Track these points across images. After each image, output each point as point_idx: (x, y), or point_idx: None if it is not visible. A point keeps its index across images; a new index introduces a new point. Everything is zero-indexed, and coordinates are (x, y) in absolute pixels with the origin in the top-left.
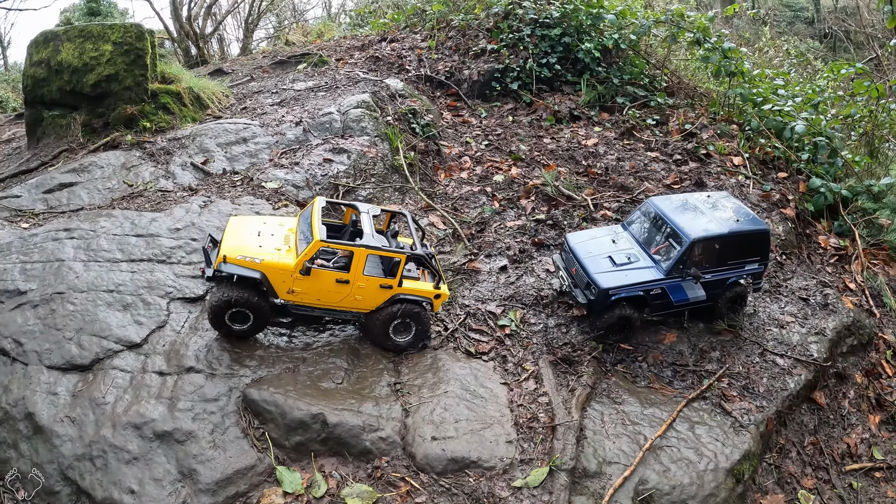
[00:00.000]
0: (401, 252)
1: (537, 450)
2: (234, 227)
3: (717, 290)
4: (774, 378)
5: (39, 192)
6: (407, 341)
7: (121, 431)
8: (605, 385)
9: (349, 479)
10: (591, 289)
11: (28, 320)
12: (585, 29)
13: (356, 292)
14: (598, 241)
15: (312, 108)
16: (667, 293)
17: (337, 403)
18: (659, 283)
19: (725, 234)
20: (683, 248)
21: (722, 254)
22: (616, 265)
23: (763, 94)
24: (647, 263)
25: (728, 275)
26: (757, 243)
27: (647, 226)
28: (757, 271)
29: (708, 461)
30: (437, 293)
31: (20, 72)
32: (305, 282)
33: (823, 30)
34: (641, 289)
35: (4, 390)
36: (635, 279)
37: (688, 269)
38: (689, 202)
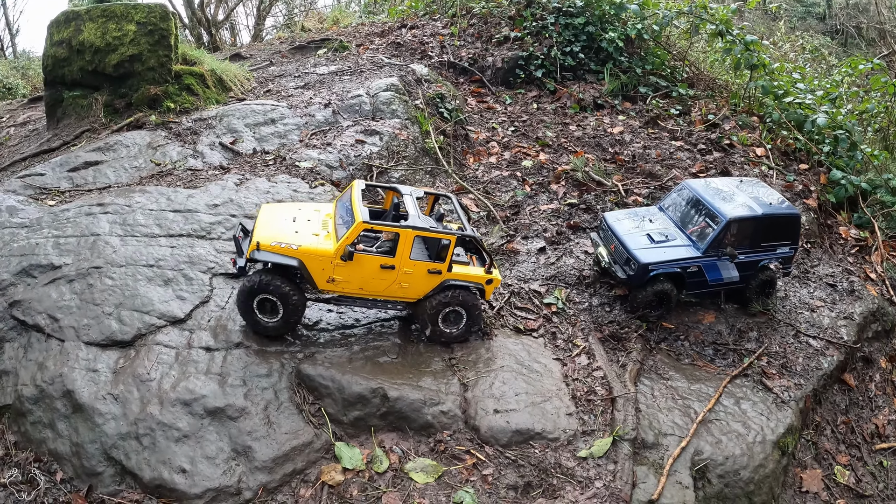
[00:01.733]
0: (450, 233)
1: (598, 421)
2: (267, 214)
3: (749, 272)
4: (809, 358)
5: (64, 171)
6: (459, 331)
7: (169, 408)
8: (652, 362)
9: (411, 454)
10: (631, 264)
11: (63, 295)
12: (608, 18)
13: (402, 279)
14: (635, 219)
15: (340, 90)
16: (703, 272)
17: (395, 378)
18: (696, 261)
19: (760, 215)
20: (720, 228)
21: (755, 235)
22: (654, 242)
23: (784, 87)
24: (684, 242)
25: (760, 257)
26: (789, 227)
27: (684, 206)
28: (787, 255)
29: (755, 434)
30: (489, 278)
31: (29, 59)
32: (347, 268)
33: (835, 25)
34: (679, 265)
35: (39, 367)
36: (673, 256)
37: (723, 248)
38: (724, 185)
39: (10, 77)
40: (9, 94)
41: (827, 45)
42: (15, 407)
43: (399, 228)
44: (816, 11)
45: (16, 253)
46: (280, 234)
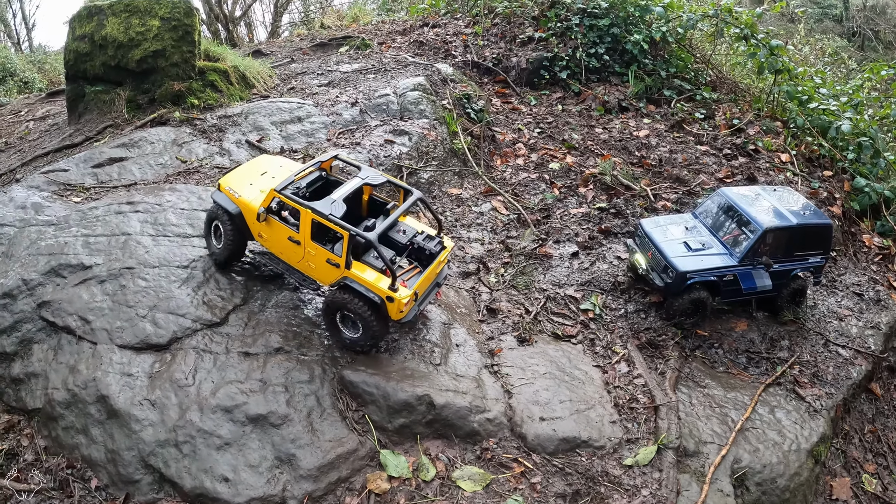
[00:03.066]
0: (345, 228)
1: (641, 429)
2: (252, 163)
3: (781, 281)
4: (839, 367)
5: (88, 167)
6: (356, 338)
7: (209, 415)
8: (688, 369)
9: (458, 462)
10: (669, 272)
11: (95, 296)
12: (633, 20)
13: (308, 258)
14: (671, 227)
15: (366, 89)
16: (738, 280)
17: (439, 384)
18: (732, 270)
19: (794, 225)
20: (756, 237)
21: (789, 245)
22: (691, 250)
23: (808, 93)
24: (720, 250)
25: (793, 266)
26: (821, 237)
27: (719, 214)
28: (818, 265)
29: (790, 442)
30: (389, 295)
31: (45, 53)
32: (268, 229)
33: (852, 28)
34: (715, 274)
35: (71, 371)
36: (710, 264)
37: (759, 257)
38: (759, 194)
39: (27, 71)
40: (25, 88)
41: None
42: (45, 411)
43: (300, 206)
44: (833, 13)
45: (43, 252)
46: (240, 182)
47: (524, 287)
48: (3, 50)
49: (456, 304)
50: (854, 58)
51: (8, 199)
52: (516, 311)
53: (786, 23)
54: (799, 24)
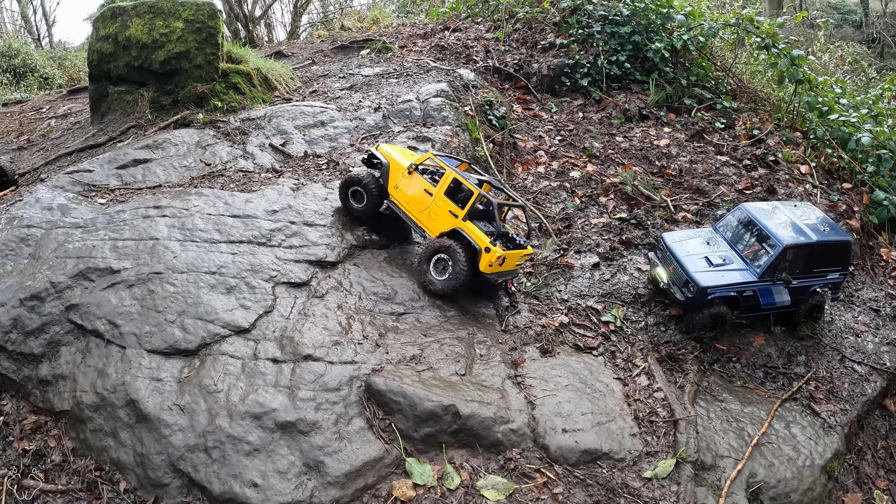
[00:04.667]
0: (475, 188)
1: (660, 442)
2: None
3: (800, 297)
4: (854, 384)
5: (113, 168)
6: (441, 283)
7: (239, 421)
8: (706, 383)
9: (482, 471)
10: (690, 287)
11: (123, 301)
12: (655, 28)
13: (433, 208)
14: (693, 241)
15: (389, 94)
16: (757, 295)
17: (465, 395)
18: (752, 286)
19: (814, 242)
20: (777, 253)
21: (809, 261)
22: (712, 265)
23: (828, 104)
24: (740, 266)
25: (812, 282)
26: (840, 254)
27: (740, 229)
28: (837, 281)
29: (805, 458)
30: (487, 246)
31: (65, 49)
32: (406, 181)
33: (872, 34)
34: (736, 289)
35: (100, 374)
36: (731, 280)
37: (779, 273)
38: (779, 209)
39: (48, 67)
40: (46, 84)
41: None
42: (73, 413)
43: (447, 168)
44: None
45: (71, 255)
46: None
47: (546, 297)
48: (24, 46)
49: (480, 314)
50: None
51: (34, 199)
52: (539, 322)
53: (805, 29)
54: (819, 31)
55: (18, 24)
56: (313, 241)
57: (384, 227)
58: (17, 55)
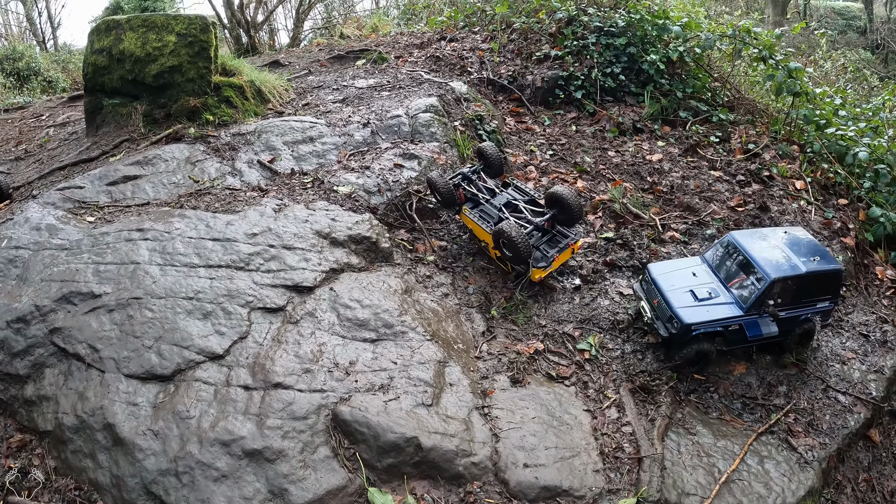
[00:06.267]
0: None
1: (623, 480)
2: None
3: (789, 327)
4: (836, 416)
5: (103, 184)
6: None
7: (208, 448)
8: (680, 415)
9: (442, 503)
10: (674, 322)
11: (104, 325)
12: (650, 39)
13: None
14: (679, 273)
15: (379, 109)
16: (743, 329)
17: (428, 426)
18: (738, 320)
19: (803, 273)
20: (763, 287)
21: (798, 292)
22: (698, 300)
23: (826, 117)
24: (726, 299)
25: (801, 312)
26: (831, 283)
27: (727, 260)
28: (827, 309)
29: (776, 496)
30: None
31: (70, 52)
32: None
33: (876, 40)
34: (721, 325)
35: (80, 397)
36: (716, 315)
37: (766, 307)
38: (768, 238)
39: (52, 70)
40: (49, 88)
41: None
42: (55, 434)
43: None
44: (857, 25)
45: (56, 278)
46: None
47: (524, 322)
48: (28, 49)
49: (454, 339)
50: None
51: (23, 219)
52: (514, 349)
53: (808, 35)
54: (822, 39)
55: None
56: (291, 265)
57: (363, 248)
58: (22, 58)
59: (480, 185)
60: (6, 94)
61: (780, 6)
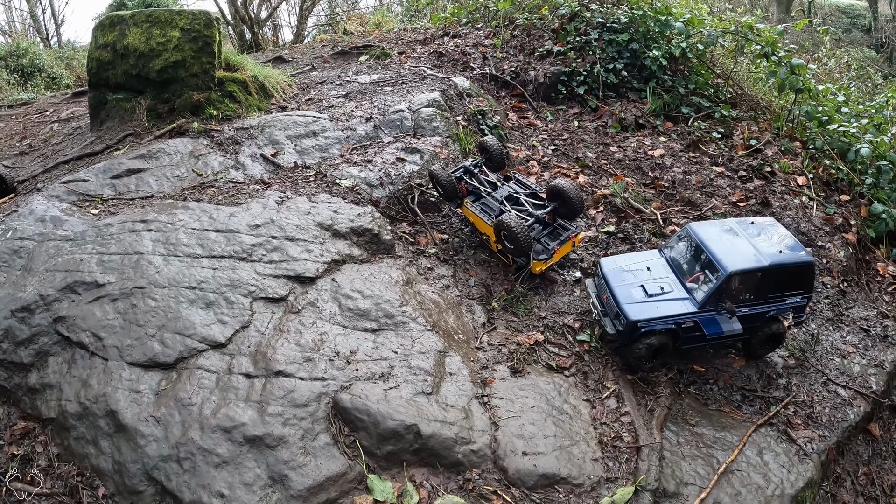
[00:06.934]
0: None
1: (622, 469)
2: None
3: (755, 324)
4: (836, 408)
5: (107, 178)
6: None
7: (209, 434)
8: (679, 406)
9: (440, 490)
10: (621, 319)
11: (107, 314)
12: (653, 36)
13: None
14: (632, 268)
15: (381, 103)
16: (700, 326)
17: (428, 414)
18: (691, 317)
19: (766, 266)
20: (719, 282)
21: (762, 287)
22: (648, 296)
23: (829, 113)
24: (680, 295)
25: (768, 308)
26: (800, 276)
27: (685, 254)
28: (799, 305)
29: (775, 487)
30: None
31: (74, 49)
32: None
33: (880, 39)
34: (673, 322)
35: (83, 385)
36: (667, 312)
37: (723, 302)
38: (731, 229)
39: (55, 67)
40: (53, 84)
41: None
42: (59, 421)
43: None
44: (862, 24)
45: (60, 268)
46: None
47: (524, 314)
48: (32, 45)
49: (455, 330)
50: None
51: (28, 211)
52: (514, 340)
53: (812, 33)
54: (825, 37)
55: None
56: (293, 256)
57: (365, 240)
58: (25, 55)
59: (482, 178)
60: (10, 90)
61: (784, 4)
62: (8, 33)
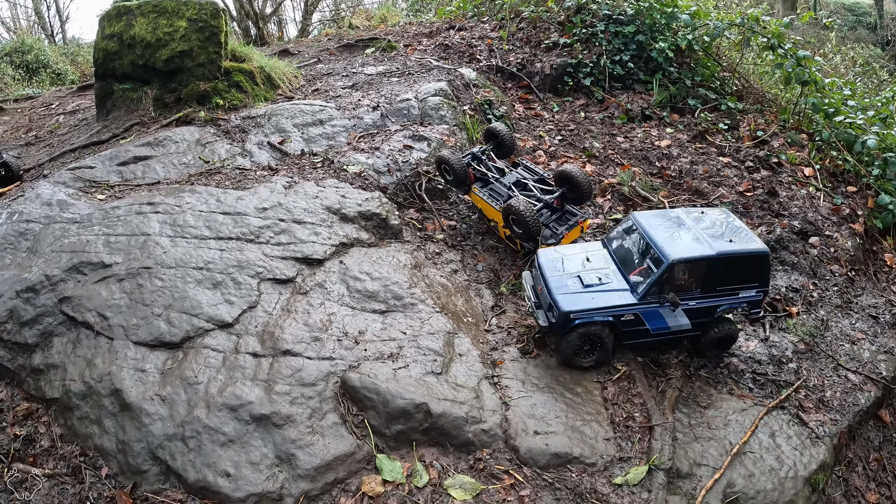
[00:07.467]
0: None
1: (634, 448)
2: None
3: (704, 319)
4: (847, 393)
5: (114, 164)
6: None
7: (216, 413)
8: (690, 388)
9: (451, 470)
10: (554, 311)
11: (113, 294)
12: (659, 28)
13: None
14: (571, 258)
15: (388, 93)
16: (642, 320)
17: (438, 393)
18: (631, 309)
19: (713, 256)
20: (660, 271)
21: (709, 279)
22: (584, 286)
23: (835, 105)
24: (620, 286)
25: (718, 302)
26: (753, 268)
27: (628, 244)
28: (754, 299)
29: (788, 469)
30: None
31: (78, 45)
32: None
33: (886, 37)
34: (610, 314)
35: (88, 364)
36: (603, 303)
37: (665, 294)
38: (678, 218)
39: (60, 63)
40: (58, 80)
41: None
42: (62, 401)
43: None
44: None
45: (66, 249)
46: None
47: None
48: (36, 42)
49: (464, 313)
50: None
51: (35, 195)
52: (523, 323)
53: (818, 30)
54: (831, 33)
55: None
56: (301, 239)
57: (373, 225)
58: (30, 51)
59: (490, 164)
60: (15, 85)
61: (789, 1)
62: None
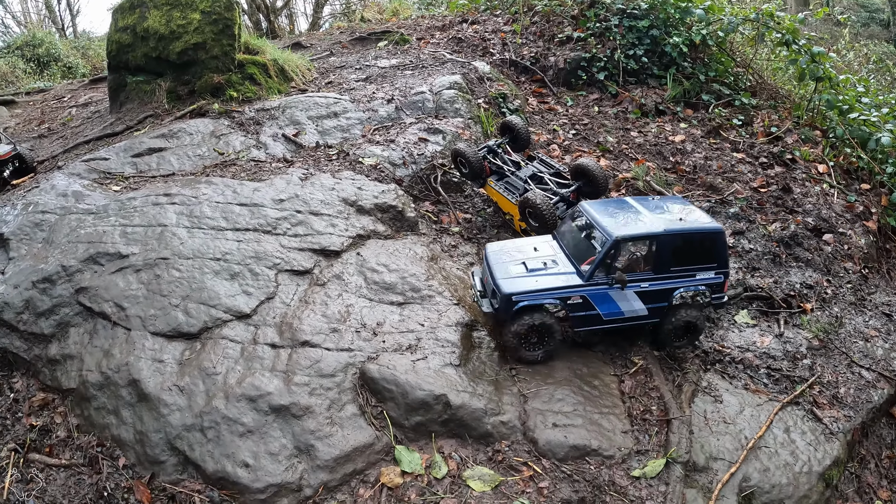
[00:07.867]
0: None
1: (652, 441)
2: None
3: (660, 304)
4: (861, 390)
5: (128, 156)
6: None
7: (234, 403)
8: (706, 383)
9: (470, 462)
10: (497, 296)
11: (130, 285)
12: (673, 22)
13: None
14: (518, 248)
15: (403, 86)
16: (591, 303)
17: (457, 385)
18: (577, 291)
19: (660, 233)
20: (605, 249)
21: (661, 259)
22: (529, 271)
23: (849, 102)
24: (566, 269)
25: (674, 285)
26: (709, 246)
27: (576, 233)
28: (714, 281)
29: (802, 464)
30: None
31: (89, 39)
32: None
33: None
34: (555, 296)
35: (105, 354)
36: (547, 284)
37: (612, 273)
38: (627, 202)
39: (71, 56)
40: (69, 73)
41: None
42: (79, 391)
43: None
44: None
45: (83, 240)
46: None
47: None
48: (48, 35)
49: None
50: None
51: (50, 186)
52: None
53: (831, 26)
54: (844, 29)
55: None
56: (318, 230)
57: (389, 217)
58: (41, 45)
59: (506, 157)
60: (26, 79)
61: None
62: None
